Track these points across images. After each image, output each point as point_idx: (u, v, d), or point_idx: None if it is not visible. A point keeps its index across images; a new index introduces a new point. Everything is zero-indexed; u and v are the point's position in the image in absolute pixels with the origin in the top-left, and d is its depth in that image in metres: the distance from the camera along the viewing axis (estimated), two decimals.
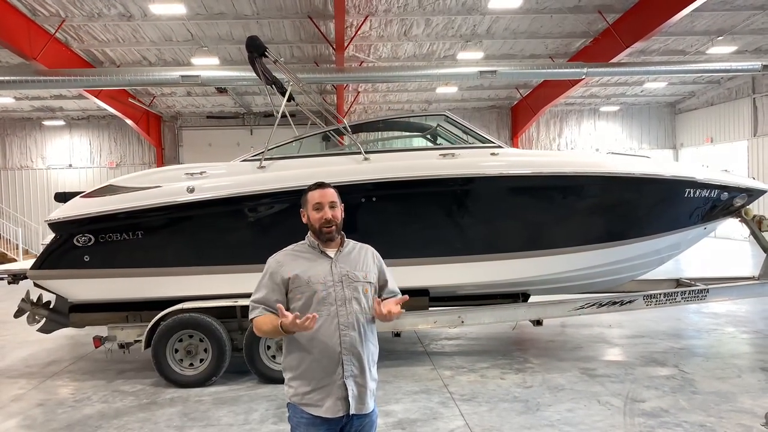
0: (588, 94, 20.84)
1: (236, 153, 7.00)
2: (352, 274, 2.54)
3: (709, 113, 21.16)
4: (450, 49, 15.12)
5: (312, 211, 2.57)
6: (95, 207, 5.47)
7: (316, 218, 2.55)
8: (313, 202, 2.57)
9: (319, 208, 2.55)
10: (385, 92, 19.63)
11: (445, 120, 6.53)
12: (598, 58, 13.72)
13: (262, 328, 2.50)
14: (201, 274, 5.58)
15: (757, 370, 5.64)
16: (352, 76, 14.34)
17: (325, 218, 2.54)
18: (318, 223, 2.55)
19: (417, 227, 5.67)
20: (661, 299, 6.14)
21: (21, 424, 4.83)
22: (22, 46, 11.55)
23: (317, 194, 2.58)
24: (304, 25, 13.02)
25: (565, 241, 5.83)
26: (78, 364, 6.54)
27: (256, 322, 2.53)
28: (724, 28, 13.97)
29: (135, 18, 12.20)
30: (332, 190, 2.61)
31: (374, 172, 5.61)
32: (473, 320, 5.98)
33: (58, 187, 18.89)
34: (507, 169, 5.73)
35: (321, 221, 2.54)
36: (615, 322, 7.65)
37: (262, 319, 2.51)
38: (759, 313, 8.00)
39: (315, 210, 2.56)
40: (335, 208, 2.58)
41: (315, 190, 2.60)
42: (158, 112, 20.57)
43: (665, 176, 5.98)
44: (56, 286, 5.69)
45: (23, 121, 20.94)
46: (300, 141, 6.23)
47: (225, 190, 5.52)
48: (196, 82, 12.90)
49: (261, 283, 2.57)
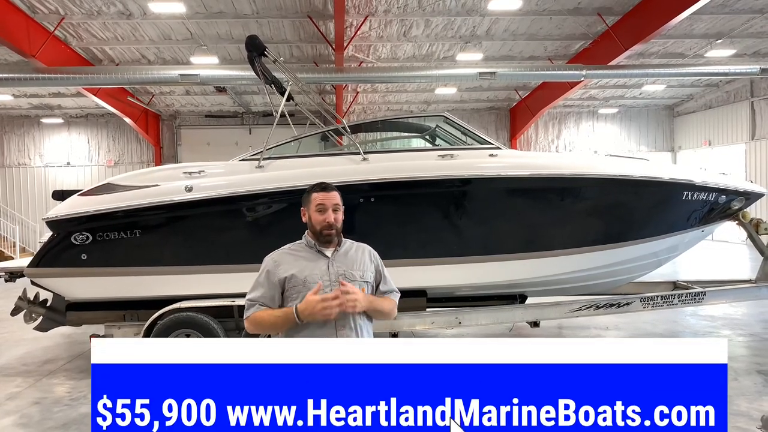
0: (587, 96, 20.87)
1: (235, 152, 7.00)
2: (348, 273, 2.54)
3: (707, 116, 21.19)
4: (449, 50, 15.13)
5: (314, 212, 2.56)
6: (93, 205, 5.46)
7: (318, 220, 2.55)
8: (316, 203, 2.57)
9: (323, 210, 2.55)
10: (384, 93, 19.63)
11: (444, 121, 6.53)
12: (597, 61, 13.74)
13: (265, 321, 2.49)
14: (199, 273, 5.57)
15: (754, 373, 5.65)
16: (352, 76, 14.35)
17: (327, 221, 2.54)
18: (320, 225, 2.54)
19: (415, 228, 5.67)
20: (658, 302, 6.15)
21: (17, 422, 4.82)
22: (21, 44, 11.53)
23: (321, 196, 2.57)
24: (304, 25, 13.02)
25: (562, 243, 5.84)
26: (75, 362, 6.53)
27: (256, 317, 2.51)
28: (723, 32, 14.00)
29: (134, 16, 12.19)
30: (336, 193, 2.61)
31: (373, 172, 5.61)
32: (470, 321, 5.98)
33: (56, 185, 18.87)
34: (505, 171, 5.74)
35: (323, 224, 2.54)
36: (612, 324, 7.66)
37: (262, 314, 2.50)
38: (755, 316, 8.01)
39: (318, 212, 2.55)
40: (338, 212, 2.58)
41: (319, 191, 2.59)
42: (157, 110, 20.55)
43: (663, 179, 5.99)
44: (53, 284, 5.68)
45: (21, 119, 20.90)
46: (299, 141, 6.23)
47: (223, 190, 5.51)
48: (195, 81, 12.90)
49: (257, 282, 2.57)
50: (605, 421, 2.15)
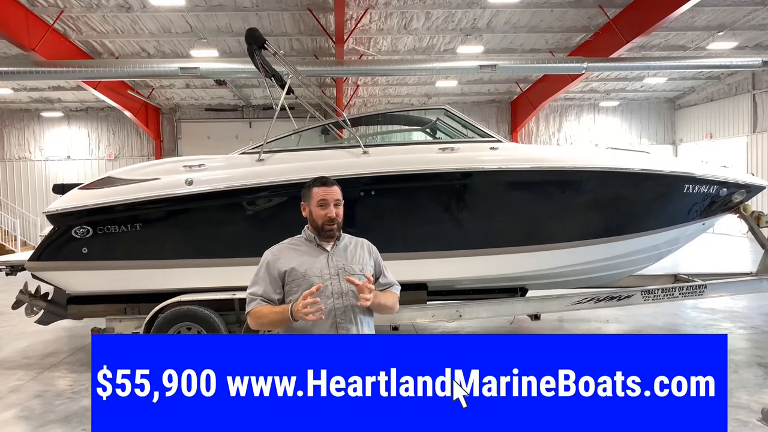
0: (588, 89, 20.82)
1: (235, 145, 6.99)
2: (348, 267, 2.54)
3: (708, 109, 21.15)
4: (450, 43, 15.08)
5: (316, 207, 2.56)
6: (94, 199, 5.45)
7: (320, 215, 2.54)
8: (317, 198, 2.56)
9: (324, 205, 2.55)
10: (384, 86, 19.58)
11: (444, 114, 6.51)
12: (599, 53, 13.70)
13: (264, 318, 2.49)
14: (199, 266, 5.57)
15: (754, 365, 5.66)
16: (352, 69, 14.32)
17: (329, 216, 2.54)
18: (321, 220, 2.54)
19: (415, 221, 5.67)
20: (658, 294, 6.15)
21: (19, 415, 4.84)
22: (21, 37, 11.50)
23: (322, 191, 2.57)
24: (304, 18, 12.97)
25: (563, 236, 5.83)
26: (76, 355, 6.55)
27: (256, 312, 2.51)
28: (724, 24, 13.94)
29: (134, 9, 12.15)
30: (337, 188, 2.60)
31: (373, 165, 5.60)
32: (471, 314, 5.98)
33: (57, 179, 18.85)
34: (506, 164, 5.72)
35: (325, 219, 2.54)
36: (612, 317, 7.67)
37: (262, 310, 2.50)
38: (756, 309, 8.01)
39: (319, 206, 2.55)
40: (339, 206, 2.58)
41: (320, 186, 2.58)
42: (157, 104, 20.52)
43: (664, 171, 5.98)
44: (54, 278, 5.68)
45: (21, 113, 20.88)
46: (299, 134, 6.21)
47: (224, 183, 5.50)
48: (195, 75, 12.90)
49: (258, 276, 2.57)
50: (605, 391, 2.14)
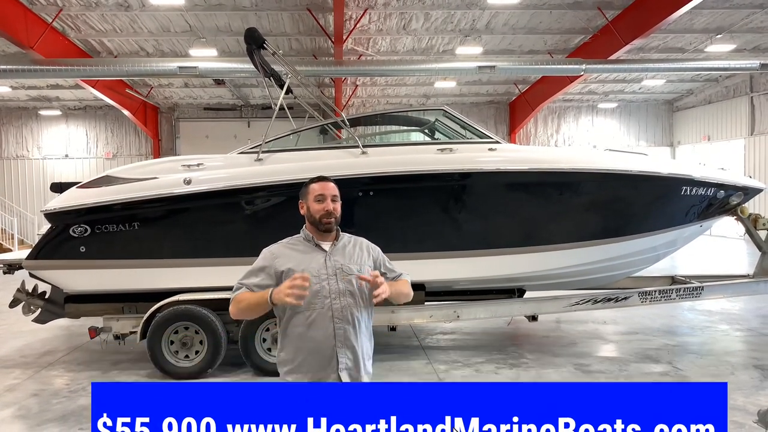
0: (586, 91, 20.84)
1: (233, 145, 6.99)
2: (346, 267, 2.55)
3: (706, 111, 21.18)
4: (449, 44, 15.09)
5: (313, 202, 2.57)
6: (92, 198, 5.45)
7: (317, 209, 2.56)
8: (315, 193, 2.58)
9: (322, 199, 2.57)
10: (383, 86, 19.59)
11: (443, 115, 6.52)
12: (597, 55, 13.72)
13: (243, 301, 2.48)
14: (197, 266, 5.57)
15: (750, 367, 5.68)
16: (351, 69, 14.32)
17: (326, 209, 2.55)
18: (319, 213, 2.55)
19: (414, 222, 5.67)
20: (656, 296, 6.16)
21: (16, 414, 4.83)
22: (19, 35, 11.48)
23: (320, 186, 2.60)
24: (303, 18, 12.97)
25: (561, 238, 5.84)
26: (73, 354, 6.54)
27: (237, 297, 2.52)
28: (723, 26, 13.98)
29: (133, 8, 12.13)
30: (334, 185, 2.64)
31: (372, 166, 5.60)
32: (469, 315, 6.00)
33: (54, 178, 18.80)
34: (504, 165, 5.73)
35: (322, 212, 2.55)
36: (610, 318, 7.68)
37: (243, 294, 2.51)
38: (753, 311, 8.03)
39: (317, 201, 2.57)
40: (336, 202, 2.60)
41: (318, 182, 2.62)
42: (155, 103, 20.50)
43: (662, 173, 6.00)
44: (52, 277, 5.68)
45: (19, 111, 20.84)
46: (298, 134, 6.22)
47: (222, 182, 5.50)
48: (194, 74, 12.89)
49: (250, 270, 2.58)
50: None
